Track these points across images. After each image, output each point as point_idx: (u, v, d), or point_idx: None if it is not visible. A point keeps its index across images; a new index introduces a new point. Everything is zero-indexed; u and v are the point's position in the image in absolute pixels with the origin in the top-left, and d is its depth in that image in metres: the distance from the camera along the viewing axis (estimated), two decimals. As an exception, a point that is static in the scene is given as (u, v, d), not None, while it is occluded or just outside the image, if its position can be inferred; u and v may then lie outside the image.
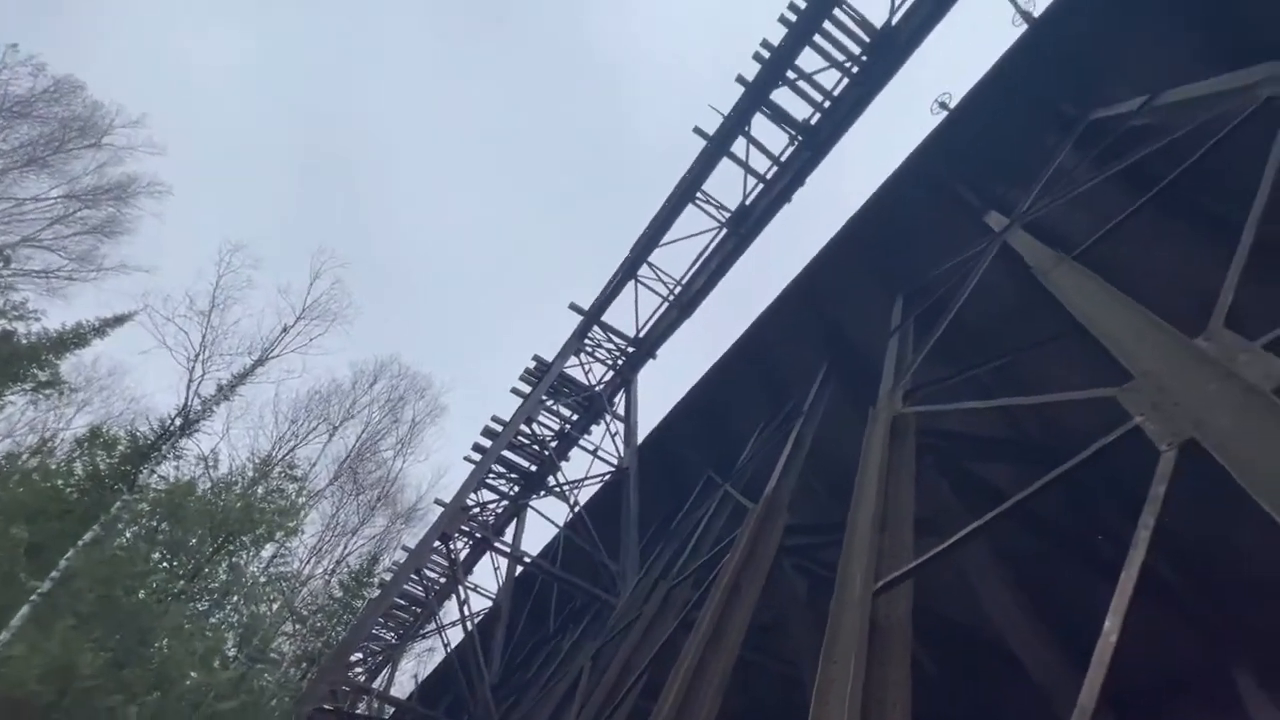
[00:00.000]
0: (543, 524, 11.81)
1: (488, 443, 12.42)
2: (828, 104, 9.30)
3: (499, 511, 13.01)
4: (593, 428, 12.58)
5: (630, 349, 12.39)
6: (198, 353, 17.51)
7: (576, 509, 10.98)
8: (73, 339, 17.96)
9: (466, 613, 9.46)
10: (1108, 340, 3.15)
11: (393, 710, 10.34)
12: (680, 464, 11.63)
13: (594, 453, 11.95)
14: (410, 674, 19.45)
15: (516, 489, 12.74)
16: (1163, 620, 4.63)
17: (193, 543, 13.82)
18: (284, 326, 20.20)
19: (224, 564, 14.62)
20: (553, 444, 12.40)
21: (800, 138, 9.56)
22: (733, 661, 4.14)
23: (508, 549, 10.70)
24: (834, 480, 8.23)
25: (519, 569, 10.86)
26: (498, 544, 10.69)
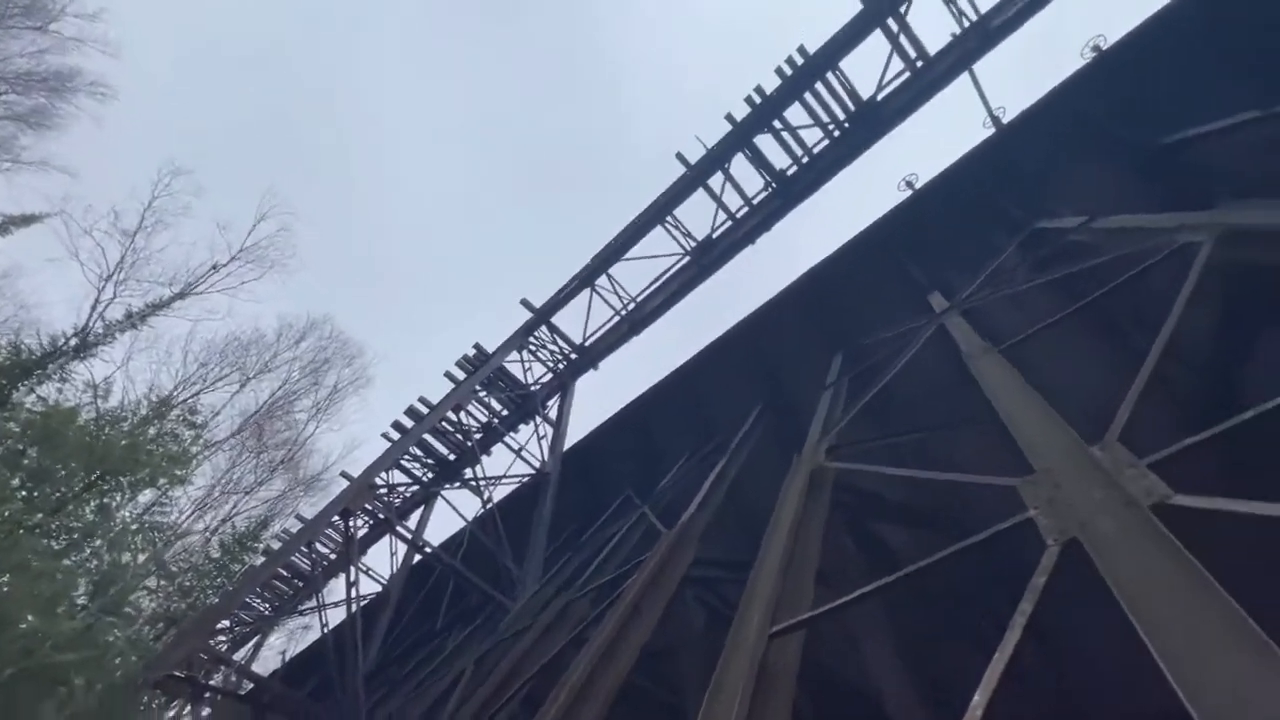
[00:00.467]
0: (449, 517, 11.51)
1: (410, 423, 12.02)
2: (806, 159, 9.68)
3: (408, 495, 12.57)
4: (521, 427, 12.39)
5: (574, 355, 12.33)
6: (112, 273, 16.23)
7: (489, 505, 10.76)
8: (-34, 227, 16.31)
9: (353, 594, 9.05)
10: (1017, 433, 3.39)
11: (251, 686, 9.72)
12: (602, 478, 11.61)
13: (518, 452, 11.76)
14: (279, 650, 18.35)
15: (431, 475, 12.36)
16: (1026, 703, 4.94)
17: (62, 474, 12.64)
18: (215, 264, 19.03)
19: (93, 504, 13.43)
20: (477, 436, 12.13)
21: (775, 185, 9.88)
22: (620, 683, 4.14)
23: (409, 535, 10.33)
24: (747, 520, 8.42)
25: (417, 557, 10.50)
26: (400, 528, 10.32)
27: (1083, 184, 7.72)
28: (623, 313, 11.52)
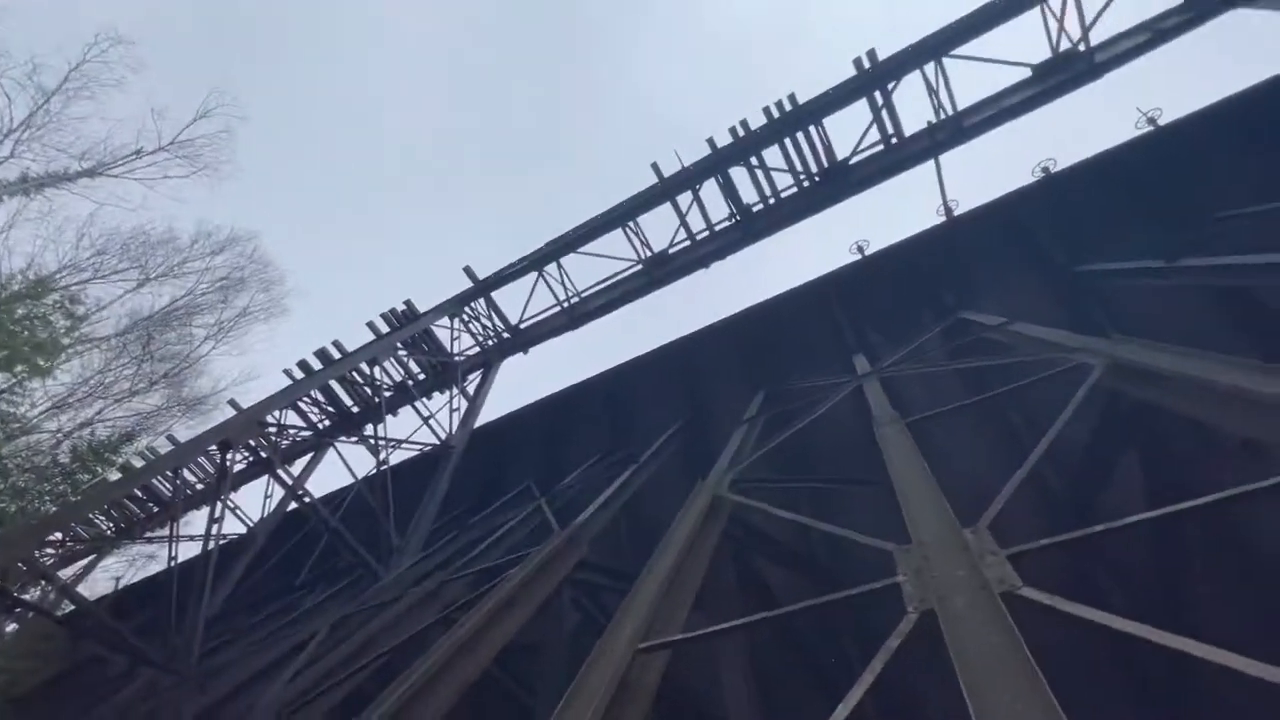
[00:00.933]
0: (337, 471, 10.97)
1: (318, 365, 11.40)
2: (773, 200, 9.97)
3: (298, 439, 11.89)
4: (436, 395, 12.00)
5: (506, 334, 12.10)
6: (15, 129, 14.52)
7: (383, 467, 10.33)
8: None
9: (215, 531, 8.44)
10: (904, 503, 3.60)
11: (71, 609, 8.80)
12: (505, 464, 11.43)
13: (426, 419, 11.37)
14: (114, 575, 16.84)
15: (327, 424, 11.75)
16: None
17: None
18: (139, 150, 17.38)
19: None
20: (387, 394, 11.65)
21: (739, 217, 10.11)
22: (479, 673, 4.06)
23: (290, 481, 9.76)
24: (641, 533, 8.52)
25: (293, 505, 9.93)
26: (281, 471, 9.73)
27: (1008, 286, 8.38)
28: (565, 304, 11.42)
